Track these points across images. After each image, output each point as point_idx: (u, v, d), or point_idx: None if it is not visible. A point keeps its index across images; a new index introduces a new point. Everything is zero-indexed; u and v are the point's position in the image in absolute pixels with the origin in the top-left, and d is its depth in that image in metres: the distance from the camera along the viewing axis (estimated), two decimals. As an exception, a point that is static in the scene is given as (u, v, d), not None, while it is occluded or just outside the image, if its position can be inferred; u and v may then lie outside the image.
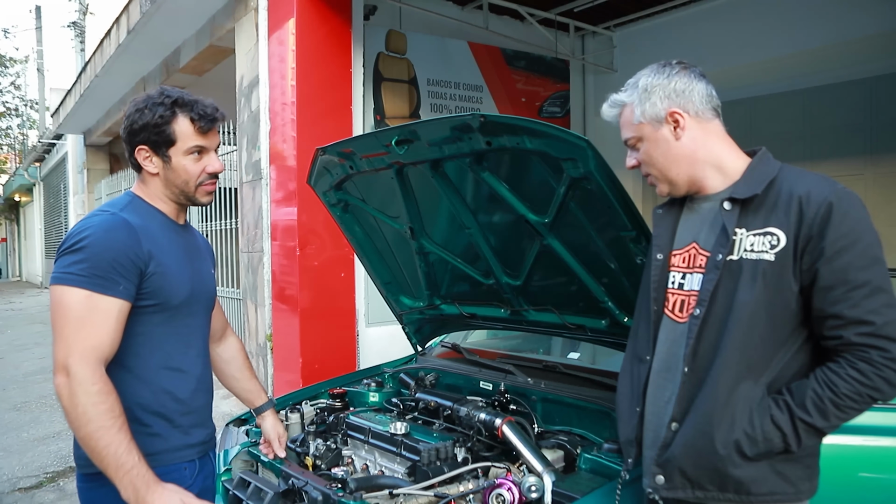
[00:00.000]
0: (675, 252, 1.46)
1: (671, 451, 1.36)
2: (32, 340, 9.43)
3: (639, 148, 1.47)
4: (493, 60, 6.04)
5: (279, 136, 4.73)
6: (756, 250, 1.30)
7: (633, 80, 1.46)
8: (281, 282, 4.74)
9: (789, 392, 1.29)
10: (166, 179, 1.60)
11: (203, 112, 1.56)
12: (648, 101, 1.41)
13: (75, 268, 1.44)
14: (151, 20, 6.20)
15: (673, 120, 1.40)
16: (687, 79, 1.41)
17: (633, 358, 1.52)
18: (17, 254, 26.55)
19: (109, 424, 1.37)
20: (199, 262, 1.71)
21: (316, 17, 4.56)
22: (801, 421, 1.26)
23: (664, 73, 1.42)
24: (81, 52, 15.39)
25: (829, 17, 5.24)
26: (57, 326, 1.44)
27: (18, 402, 6.00)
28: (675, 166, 1.42)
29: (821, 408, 1.25)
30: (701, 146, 1.41)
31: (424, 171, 2.09)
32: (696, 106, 1.40)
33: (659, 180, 1.47)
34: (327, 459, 2.12)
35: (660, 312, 1.46)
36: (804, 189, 1.28)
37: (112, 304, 1.45)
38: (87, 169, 12.88)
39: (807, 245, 1.26)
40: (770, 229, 1.29)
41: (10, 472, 4.24)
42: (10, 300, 15.90)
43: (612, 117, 1.51)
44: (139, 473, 1.38)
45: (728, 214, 1.35)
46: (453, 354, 2.81)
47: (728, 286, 1.32)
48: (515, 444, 1.84)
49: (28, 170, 20.03)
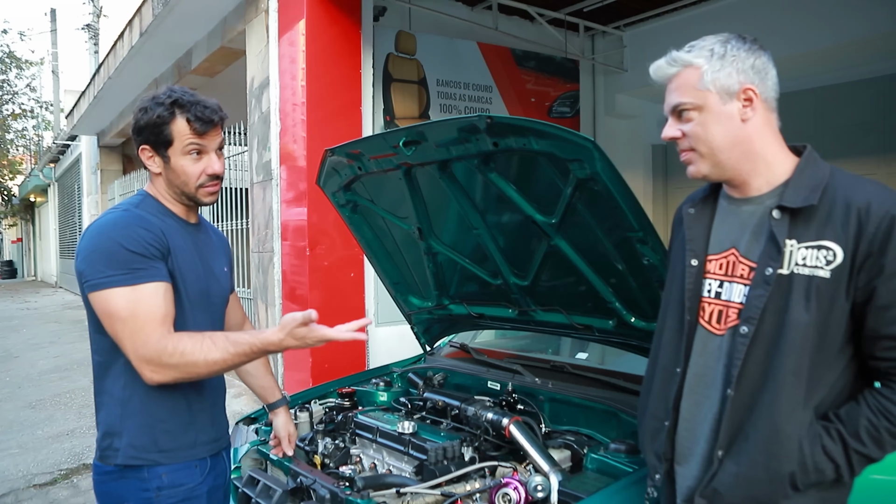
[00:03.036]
0: (710, 257, 1.34)
1: (719, 480, 1.25)
2: (47, 339, 9.54)
3: (691, 118, 1.28)
4: (502, 61, 6.04)
5: (289, 136, 4.76)
6: (809, 265, 1.19)
7: (698, 43, 1.28)
8: (291, 281, 4.77)
9: (839, 420, 1.20)
10: (168, 179, 1.61)
11: (200, 113, 1.54)
12: (724, 69, 1.24)
13: (108, 270, 1.45)
14: (164, 22, 6.26)
15: (746, 97, 1.25)
16: (766, 59, 1.26)
17: (660, 368, 1.41)
18: (33, 253, 26.84)
19: (223, 347, 1.45)
20: (212, 260, 1.72)
21: (326, 19, 4.59)
22: (856, 452, 1.18)
23: (745, 45, 1.26)
24: (95, 54, 15.56)
25: (840, 15, 5.20)
26: (115, 331, 1.46)
27: (34, 400, 6.07)
28: (730, 150, 1.26)
29: (876, 438, 1.17)
30: (760, 136, 1.27)
31: (432, 172, 2.10)
32: (768, 90, 1.26)
33: (702, 159, 1.29)
34: (336, 458, 2.14)
35: (694, 322, 1.34)
36: (863, 200, 1.17)
37: (153, 287, 1.47)
38: (101, 170, 13.01)
39: (865, 261, 1.16)
40: (825, 243, 1.18)
41: (25, 468, 4.30)
42: (25, 299, 16.08)
43: (663, 77, 1.32)
44: (268, 338, 1.46)
45: (778, 224, 1.22)
46: (462, 354, 2.82)
47: (778, 303, 1.21)
48: (522, 444, 1.85)
49: (43, 171, 20.25)
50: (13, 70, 20.86)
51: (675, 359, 1.36)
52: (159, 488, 1.53)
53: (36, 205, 24.98)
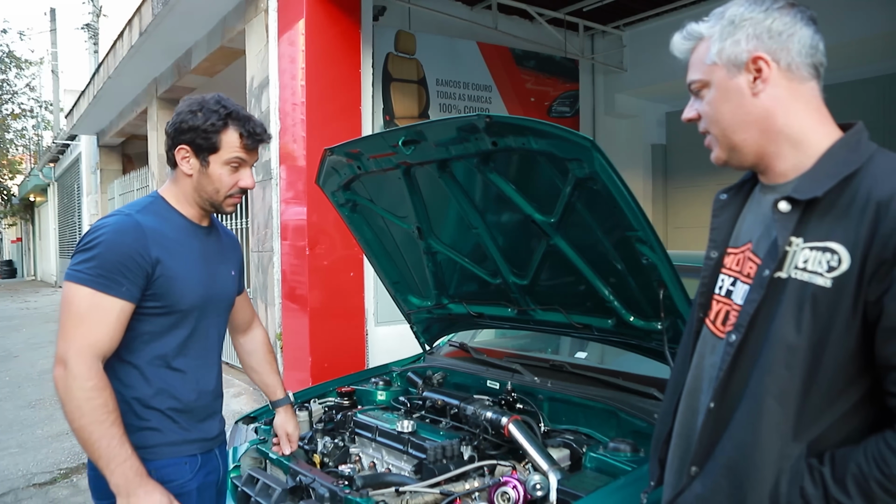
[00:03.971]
0: (730, 250, 1.18)
1: (683, 499, 1.13)
2: (47, 339, 9.54)
3: (703, 96, 1.14)
4: (502, 60, 6.04)
5: (289, 136, 4.76)
6: (809, 269, 0.99)
7: (720, 10, 1.13)
8: (291, 281, 4.77)
9: (831, 462, 0.98)
10: (198, 183, 1.63)
11: (253, 130, 1.62)
12: (732, 36, 1.08)
13: (83, 266, 1.49)
14: (163, 22, 6.25)
15: (755, 67, 1.07)
16: (790, 19, 1.07)
17: (676, 369, 1.30)
18: (32, 253, 26.84)
19: (102, 419, 1.42)
20: (218, 264, 1.73)
21: (325, 19, 4.59)
22: (837, 502, 0.96)
23: (762, 6, 1.08)
24: (95, 53, 15.56)
25: (841, 14, 5.20)
26: (62, 320, 1.50)
27: (33, 400, 6.07)
28: (743, 130, 1.09)
29: (864, 489, 0.94)
30: (782, 111, 1.07)
31: (431, 172, 2.10)
32: (792, 56, 1.06)
33: (718, 143, 1.14)
34: (335, 457, 2.15)
35: (702, 321, 1.21)
36: (887, 192, 0.94)
37: (113, 303, 1.49)
38: (101, 169, 13.01)
39: (877, 270, 0.93)
40: (831, 244, 0.98)
41: (25, 467, 4.31)
42: (25, 299, 16.08)
43: (684, 52, 1.18)
44: (131, 466, 1.43)
45: (784, 218, 1.03)
46: (461, 353, 2.82)
47: (768, 311, 1.03)
48: (521, 443, 1.85)
49: (42, 170, 20.25)
50: (13, 70, 20.86)
51: (684, 360, 1.25)
52: None
53: (36, 204, 24.99)
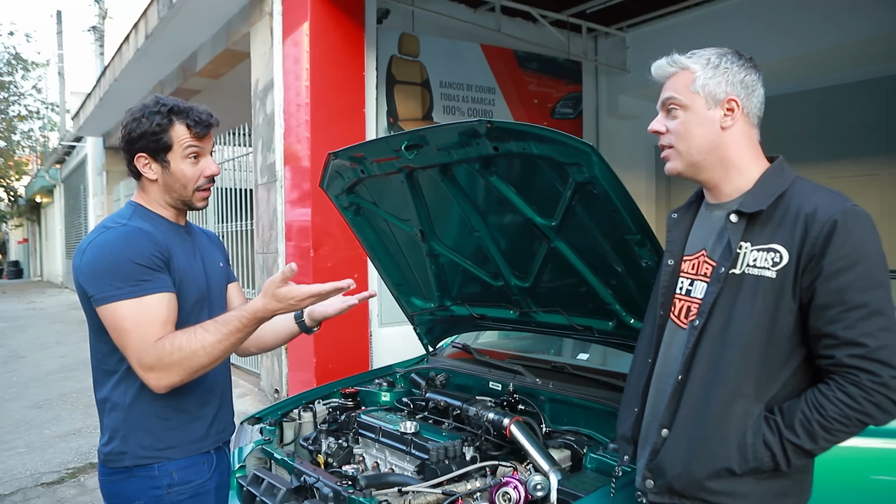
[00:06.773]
0: (685, 258, 1.46)
1: (661, 457, 1.37)
2: (53, 339, 9.60)
3: (677, 116, 1.39)
4: (505, 62, 6.06)
5: (293, 137, 4.79)
6: (759, 266, 1.29)
7: (699, 52, 1.39)
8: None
9: (780, 412, 1.28)
10: (165, 185, 1.64)
11: (199, 118, 1.62)
12: (715, 77, 1.35)
13: (106, 284, 1.49)
14: (169, 25, 6.30)
15: (728, 107, 1.35)
16: (756, 78, 1.37)
17: (640, 359, 1.53)
18: (39, 254, 26.97)
19: (209, 336, 1.49)
20: (206, 257, 1.76)
21: (330, 21, 4.62)
22: (790, 442, 1.25)
23: (740, 62, 1.37)
24: (101, 55, 15.63)
25: (844, 16, 5.20)
26: (119, 342, 1.50)
27: (40, 400, 6.12)
28: (706, 152, 1.37)
29: (809, 430, 1.23)
30: (737, 145, 1.37)
31: (434, 176, 2.12)
32: (752, 106, 1.37)
33: (679, 156, 1.40)
34: (339, 457, 2.17)
35: (665, 317, 1.46)
36: (812, 206, 1.26)
37: (153, 299, 1.51)
38: (107, 171, 13.09)
39: (808, 263, 1.24)
40: (774, 245, 1.28)
41: (32, 467, 4.35)
42: (31, 300, 16.17)
43: (662, 75, 1.43)
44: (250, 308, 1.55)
45: (734, 227, 1.33)
46: (464, 355, 2.84)
47: (728, 300, 1.31)
48: (523, 444, 1.88)
49: (49, 171, 20.36)
50: (19, 72, 21.02)
51: (648, 350, 1.48)
52: (170, 485, 1.57)
53: (42, 205, 25.11)
